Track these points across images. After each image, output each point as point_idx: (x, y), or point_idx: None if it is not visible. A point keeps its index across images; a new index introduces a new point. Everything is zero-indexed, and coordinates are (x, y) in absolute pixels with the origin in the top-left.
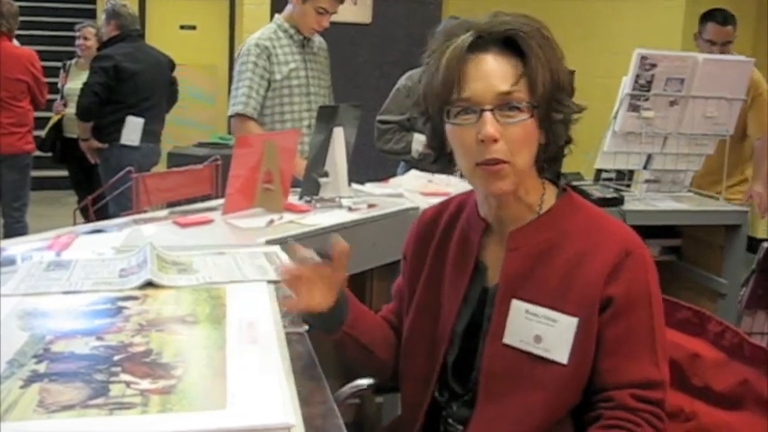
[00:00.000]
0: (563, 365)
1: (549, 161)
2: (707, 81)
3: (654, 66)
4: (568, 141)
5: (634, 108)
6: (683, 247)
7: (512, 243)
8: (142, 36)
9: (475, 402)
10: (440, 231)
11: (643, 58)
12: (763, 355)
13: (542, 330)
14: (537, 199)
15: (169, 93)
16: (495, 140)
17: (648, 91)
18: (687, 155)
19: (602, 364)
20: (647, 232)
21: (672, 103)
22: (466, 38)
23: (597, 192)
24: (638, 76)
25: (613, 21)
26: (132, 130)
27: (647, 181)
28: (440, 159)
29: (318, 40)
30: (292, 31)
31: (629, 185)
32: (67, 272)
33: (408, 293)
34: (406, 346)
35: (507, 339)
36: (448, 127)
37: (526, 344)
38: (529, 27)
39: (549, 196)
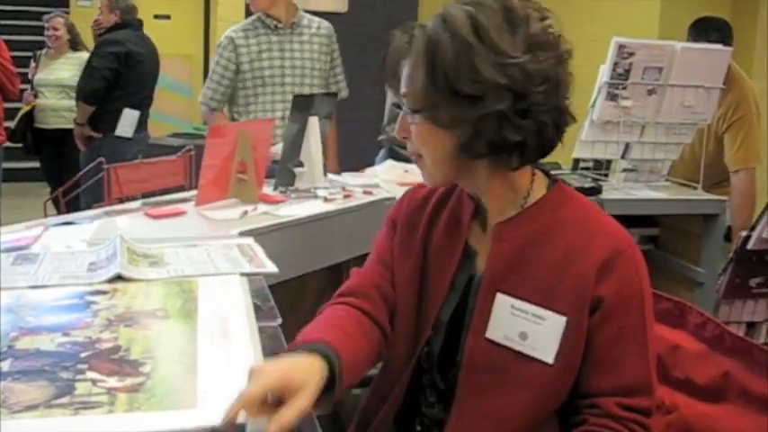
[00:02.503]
0: (549, 365)
1: (502, 154)
2: (685, 70)
3: (632, 54)
4: (521, 139)
5: (612, 97)
6: (660, 237)
7: (498, 234)
8: (142, 25)
9: (453, 399)
10: (428, 211)
11: (621, 46)
12: (744, 347)
13: (529, 327)
14: (518, 190)
15: None
16: (405, 137)
17: (626, 80)
18: (665, 144)
19: (589, 367)
20: (625, 221)
21: (650, 92)
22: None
23: (575, 181)
24: (615, 65)
25: (591, 9)
26: (128, 123)
27: (624, 170)
28: None
29: (317, 26)
30: (269, 21)
31: (606, 175)
32: (35, 266)
33: (396, 265)
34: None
35: (490, 334)
36: None
37: (511, 340)
38: (438, 24)
39: (539, 186)
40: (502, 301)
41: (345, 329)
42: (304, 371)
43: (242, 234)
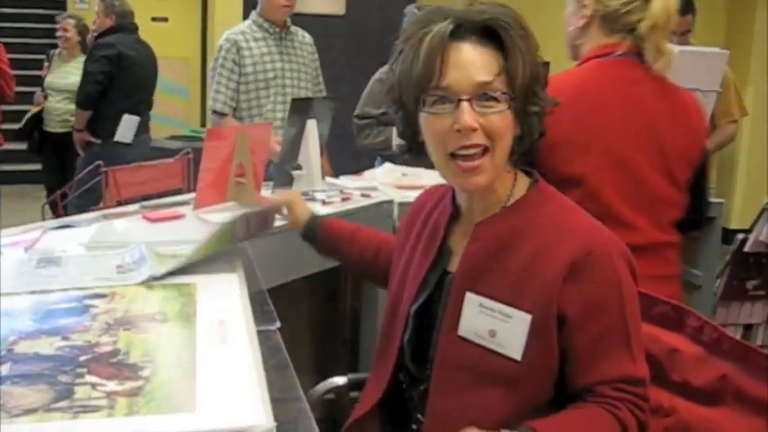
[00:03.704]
0: (517, 362)
1: (523, 154)
2: (681, 73)
3: None
4: (542, 134)
5: None
6: None
7: (474, 234)
8: (137, 29)
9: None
10: (423, 215)
11: None
12: (742, 350)
13: (497, 325)
14: (506, 190)
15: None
16: (474, 130)
17: None
18: None
19: (574, 368)
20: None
21: None
22: (445, 26)
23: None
24: None
25: None
26: (127, 128)
27: None
28: (411, 150)
29: (302, 35)
30: (267, 25)
31: None
32: (61, 268)
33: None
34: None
35: (462, 332)
36: (422, 116)
37: (481, 338)
38: (507, 17)
39: (521, 187)
40: (471, 300)
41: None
42: None
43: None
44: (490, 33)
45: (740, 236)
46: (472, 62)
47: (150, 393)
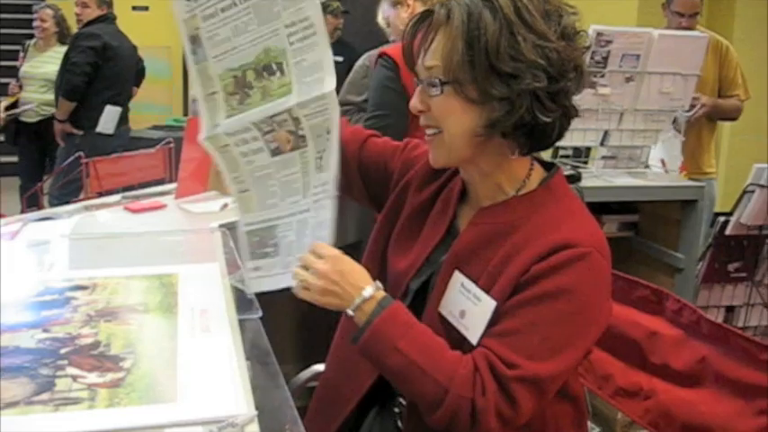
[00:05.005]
0: (472, 346)
1: (527, 139)
2: (662, 57)
3: (609, 42)
4: (538, 121)
5: (590, 85)
6: (640, 223)
7: (475, 219)
8: (116, 19)
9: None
10: (437, 184)
11: (599, 34)
12: (720, 333)
13: (468, 306)
14: (512, 179)
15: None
16: (421, 112)
17: (604, 67)
18: (643, 131)
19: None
20: (605, 208)
21: (628, 80)
22: (417, 14)
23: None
24: (593, 53)
25: None
26: (109, 119)
27: (603, 157)
28: None
29: None
30: None
31: (586, 162)
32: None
33: (390, 211)
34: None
35: (441, 308)
36: None
37: (453, 317)
38: (479, 0)
39: (534, 180)
40: (455, 278)
41: None
42: None
43: (222, 227)
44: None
45: (722, 218)
46: (431, 46)
47: (131, 384)
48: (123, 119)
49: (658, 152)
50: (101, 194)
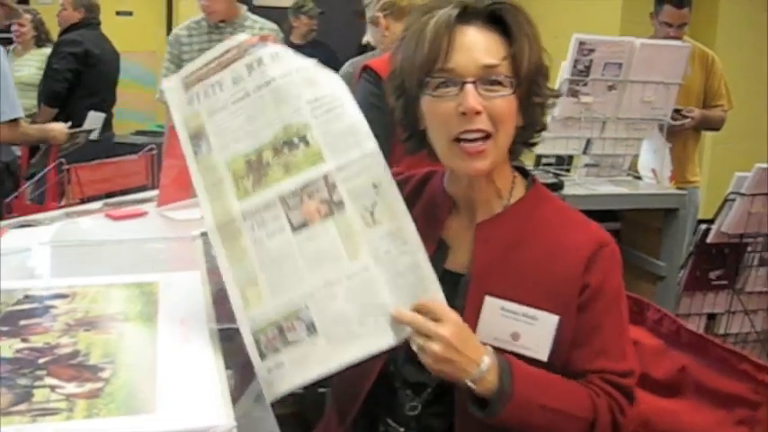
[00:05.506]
0: (543, 362)
1: (523, 146)
2: (644, 66)
3: (592, 51)
4: (543, 128)
5: (573, 93)
6: (622, 231)
7: (481, 235)
8: (100, 24)
9: (424, 390)
10: (406, 193)
11: (581, 43)
12: (700, 343)
13: (521, 328)
14: (507, 186)
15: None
16: (478, 113)
17: (587, 76)
18: (625, 139)
19: (573, 353)
20: (587, 216)
21: (610, 88)
22: (449, 11)
23: (537, 177)
24: (576, 62)
25: (553, 5)
26: (93, 125)
27: (586, 165)
28: (411, 138)
29: (258, 28)
30: (206, 21)
31: (568, 170)
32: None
33: None
34: None
35: (483, 338)
36: (425, 100)
37: (502, 341)
38: (512, 5)
39: (519, 187)
40: (491, 304)
41: None
42: None
43: (204, 234)
44: (496, 20)
45: (703, 226)
46: (477, 45)
47: (110, 395)
48: (107, 125)
49: (649, 162)
50: (83, 201)
